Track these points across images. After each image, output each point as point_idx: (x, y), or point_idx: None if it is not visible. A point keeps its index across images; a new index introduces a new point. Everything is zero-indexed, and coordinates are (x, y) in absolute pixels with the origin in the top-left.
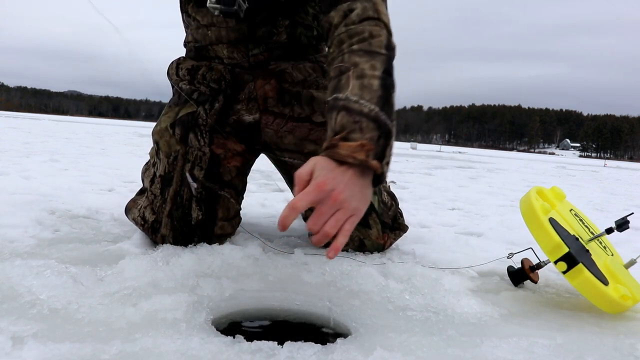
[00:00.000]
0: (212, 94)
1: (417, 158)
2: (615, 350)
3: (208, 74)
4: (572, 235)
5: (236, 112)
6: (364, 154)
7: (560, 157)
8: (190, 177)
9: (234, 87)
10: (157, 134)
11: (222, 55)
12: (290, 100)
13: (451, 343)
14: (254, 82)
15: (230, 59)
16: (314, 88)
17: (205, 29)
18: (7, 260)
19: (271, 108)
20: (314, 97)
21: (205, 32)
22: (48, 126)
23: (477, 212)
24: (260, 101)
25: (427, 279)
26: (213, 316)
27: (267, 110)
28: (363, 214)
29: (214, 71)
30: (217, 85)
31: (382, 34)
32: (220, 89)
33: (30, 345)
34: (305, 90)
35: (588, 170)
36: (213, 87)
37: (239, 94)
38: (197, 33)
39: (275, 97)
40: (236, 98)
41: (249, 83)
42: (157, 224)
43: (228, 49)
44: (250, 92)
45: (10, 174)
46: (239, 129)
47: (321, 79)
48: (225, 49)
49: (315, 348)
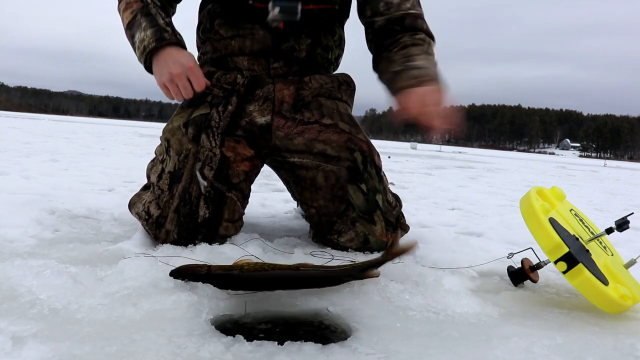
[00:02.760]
0: (225, 96)
1: (417, 158)
2: (615, 350)
3: (223, 77)
4: (572, 235)
5: (248, 114)
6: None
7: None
8: (200, 175)
9: (252, 85)
10: (169, 132)
11: (242, 67)
12: (302, 107)
13: (451, 343)
14: (274, 84)
15: (250, 70)
16: (325, 97)
17: (229, 39)
18: (7, 260)
19: (284, 112)
20: (322, 104)
21: (227, 43)
22: (48, 126)
23: (477, 212)
24: (276, 103)
25: (427, 279)
26: (213, 316)
27: (280, 114)
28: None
29: (229, 75)
30: (231, 86)
31: (435, 53)
32: (234, 89)
33: (30, 345)
34: (314, 99)
35: (588, 170)
36: (227, 89)
37: (255, 90)
38: (218, 44)
39: (290, 103)
40: (251, 96)
41: (269, 84)
42: (162, 219)
43: (249, 61)
44: (269, 91)
45: (10, 174)
46: (250, 131)
47: (335, 91)
48: (246, 61)
49: (315, 348)
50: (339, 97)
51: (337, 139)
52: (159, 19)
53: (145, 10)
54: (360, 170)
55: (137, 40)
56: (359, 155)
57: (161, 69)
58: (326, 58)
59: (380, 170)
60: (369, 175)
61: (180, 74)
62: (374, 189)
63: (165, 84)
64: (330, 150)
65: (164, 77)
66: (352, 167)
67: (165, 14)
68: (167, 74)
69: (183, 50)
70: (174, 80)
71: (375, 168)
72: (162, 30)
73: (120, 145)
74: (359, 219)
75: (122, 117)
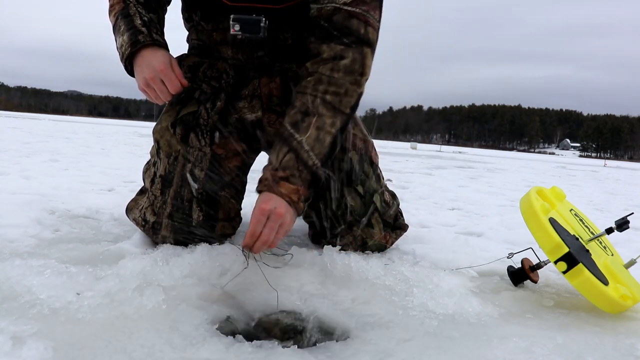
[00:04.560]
0: (213, 93)
1: (417, 158)
2: (615, 350)
3: (209, 71)
4: (572, 235)
5: (238, 110)
6: (297, 197)
7: (560, 157)
8: (191, 177)
9: (237, 84)
10: (158, 132)
11: (227, 56)
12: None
13: (451, 343)
14: (259, 79)
15: (234, 59)
16: None
17: (211, 31)
18: (7, 260)
19: (275, 107)
20: None
21: (209, 34)
22: (48, 126)
23: (477, 212)
24: (264, 99)
25: (427, 279)
26: (213, 316)
27: (271, 109)
28: (290, 228)
29: (215, 68)
30: (218, 83)
31: (354, 95)
32: (222, 88)
33: (30, 345)
34: None
35: (588, 170)
36: (214, 86)
37: (241, 91)
38: (202, 34)
39: (279, 95)
40: (238, 95)
41: (253, 80)
42: (158, 225)
43: (233, 49)
44: (254, 89)
45: (10, 174)
46: (240, 128)
47: None
48: (230, 50)
49: (315, 348)
50: None
51: None
52: (136, 20)
53: (125, 12)
54: (356, 171)
55: (118, 46)
56: (355, 155)
57: (138, 75)
58: None
59: (377, 168)
60: (366, 175)
61: (154, 78)
62: (371, 189)
63: (144, 89)
64: None
65: (141, 82)
66: (348, 169)
67: (147, 10)
68: (142, 79)
69: (156, 51)
70: (150, 84)
71: (372, 166)
72: (138, 32)
73: (120, 145)
74: (356, 223)
75: (122, 117)
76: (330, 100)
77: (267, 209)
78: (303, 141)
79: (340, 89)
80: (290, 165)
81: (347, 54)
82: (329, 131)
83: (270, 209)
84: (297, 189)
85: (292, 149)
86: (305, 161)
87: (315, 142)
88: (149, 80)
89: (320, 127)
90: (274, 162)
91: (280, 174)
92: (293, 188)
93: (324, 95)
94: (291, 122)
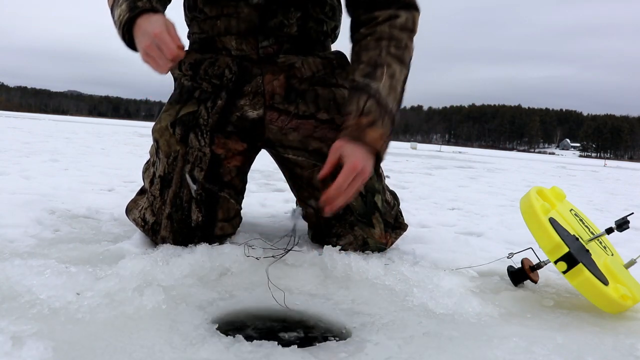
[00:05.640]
0: (214, 91)
1: (417, 158)
2: (615, 350)
3: (210, 68)
4: (572, 235)
5: (239, 108)
6: (382, 143)
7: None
8: (190, 178)
9: (240, 80)
10: (157, 132)
11: (231, 47)
12: (296, 98)
13: (451, 343)
14: (263, 76)
15: (238, 50)
16: (320, 85)
17: (214, 19)
18: (7, 260)
19: (277, 105)
20: (319, 94)
21: (213, 23)
22: (48, 126)
23: (477, 212)
24: (267, 97)
25: (427, 279)
26: (213, 316)
27: (273, 107)
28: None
29: (217, 65)
30: (219, 80)
31: (411, 50)
32: (223, 85)
33: (30, 345)
34: (311, 88)
35: (588, 170)
36: (215, 84)
37: (244, 87)
38: (204, 24)
39: (282, 94)
40: (240, 92)
41: (257, 77)
42: (157, 225)
43: (237, 40)
44: (257, 86)
45: (10, 174)
46: (241, 126)
47: (330, 77)
48: (234, 41)
49: (315, 348)
50: (334, 82)
51: (333, 136)
52: None
53: None
54: None
55: (115, 18)
56: None
57: (138, 47)
58: (320, 31)
59: (379, 167)
60: None
61: (150, 45)
62: (372, 189)
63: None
64: (327, 149)
65: (141, 53)
66: None
67: None
68: (141, 50)
69: (151, 16)
70: (149, 53)
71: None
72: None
73: (120, 145)
74: (357, 223)
75: (122, 117)
76: (395, 53)
77: (359, 167)
78: (380, 88)
79: (401, 43)
80: (373, 110)
81: (400, 14)
82: (400, 79)
83: (361, 168)
84: (382, 134)
85: (372, 95)
86: (385, 106)
87: (390, 90)
88: (146, 49)
89: (392, 75)
90: (356, 110)
91: (365, 120)
92: (378, 135)
93: (388, 48)
94: (363, 74)
